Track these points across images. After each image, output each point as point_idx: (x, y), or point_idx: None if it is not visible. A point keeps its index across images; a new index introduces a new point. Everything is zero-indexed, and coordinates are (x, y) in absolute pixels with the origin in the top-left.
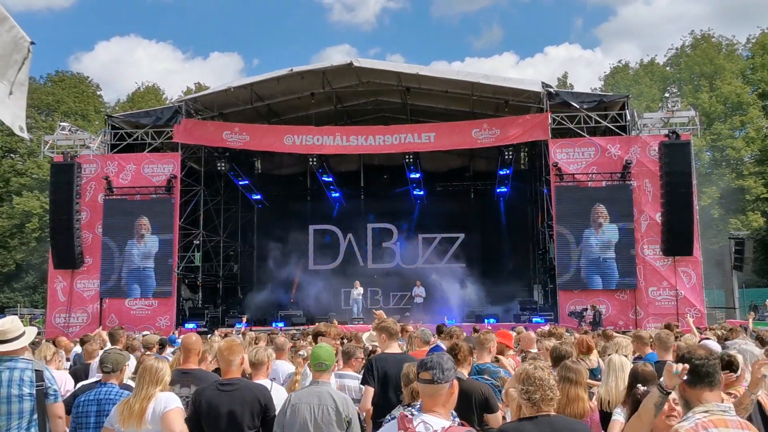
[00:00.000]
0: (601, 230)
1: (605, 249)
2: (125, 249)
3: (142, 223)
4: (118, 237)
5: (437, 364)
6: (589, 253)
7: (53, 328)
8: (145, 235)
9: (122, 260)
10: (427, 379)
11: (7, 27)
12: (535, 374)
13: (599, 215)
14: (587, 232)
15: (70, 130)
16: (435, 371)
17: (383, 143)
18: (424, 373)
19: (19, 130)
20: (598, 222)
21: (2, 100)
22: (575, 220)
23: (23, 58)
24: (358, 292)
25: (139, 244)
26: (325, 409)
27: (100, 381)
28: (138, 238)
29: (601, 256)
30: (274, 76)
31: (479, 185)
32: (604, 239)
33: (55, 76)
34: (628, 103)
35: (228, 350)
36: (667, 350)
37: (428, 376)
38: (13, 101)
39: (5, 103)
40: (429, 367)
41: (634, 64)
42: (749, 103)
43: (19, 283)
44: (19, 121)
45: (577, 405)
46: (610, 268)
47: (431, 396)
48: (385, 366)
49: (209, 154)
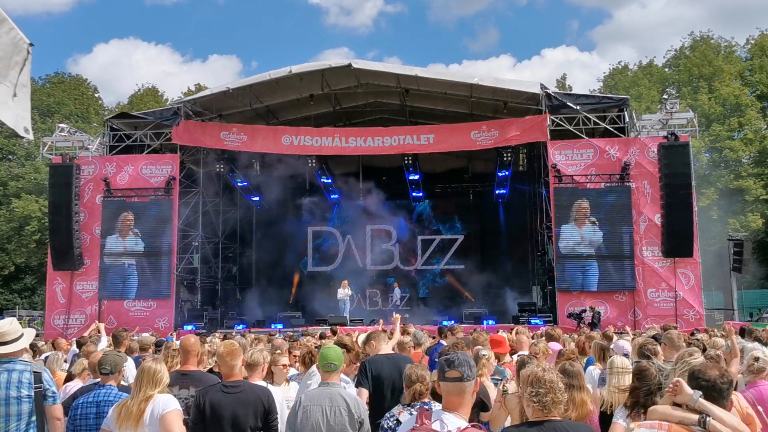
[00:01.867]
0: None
1: (601, 250)
2: (123, 249)
3: (128, 219)
4: (116, 238)
5: (465, 362)
6: (587, 256)
7: (52, 329)
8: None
9: (120, 261)
10: (456, 377)
11: (6, 29)
12: (544, 377)
13: (583, 212)
14: (585, 229)
15: (68, 132)
16: (464, 368)
17: (382, 145)
18: (453, 371)
19: (23, 132)
20: (584, 219)
21: (5, 101)
22: (574, 221)
23: (23, 59)
24: (345, 292)
25: (124, 240)
26: (337, 411)
27: (98, 383)
28: (122, 234)
29: (600, 259)
30: (272, 77)
31: (478, 187)
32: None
33: (54, 77)
34: (626, 105)
35: (229, 354)
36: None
37: (458, 374)
38: (17, 103)
39: (8, 104)
40: (457, 365)
41: (633, 66)
42: (748, 105)
43: (17, 285)
44: (24, 123)
45: (583, 408)
46: (610, 270)
47: (458, 394)
48: (377, 368)
49: (208, 156)
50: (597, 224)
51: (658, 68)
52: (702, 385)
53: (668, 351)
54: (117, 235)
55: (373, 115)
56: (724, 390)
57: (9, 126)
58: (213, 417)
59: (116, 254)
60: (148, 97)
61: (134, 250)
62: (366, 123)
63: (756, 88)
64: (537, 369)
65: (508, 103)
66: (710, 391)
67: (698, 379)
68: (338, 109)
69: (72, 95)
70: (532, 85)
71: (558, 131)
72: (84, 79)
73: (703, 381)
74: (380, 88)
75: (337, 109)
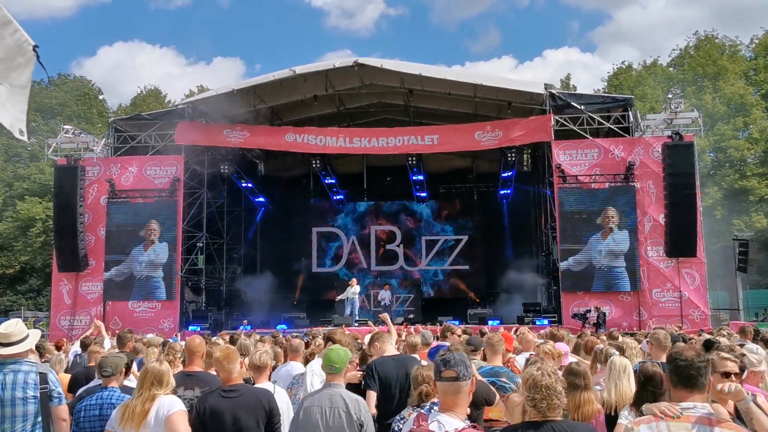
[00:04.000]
0: (610, 236)
1: (610, 253)
2: (129, 252)
3: (152, 228)
4: (121, 239)
5: (460, 361)
6: (592, 256)
7: (57, 330)
8: (155, 242)
9: (125, 263)
10: (452, 377)
11: (10, 30)
12: (542, 382)
13: (610, 221)
14: (593, 236)
15: (73, 133)
16: (460, 368)
17: (386, 145)
18: (448, 371)
19: (18, 134)
20: (608, 227)
21: (3, 103)
22: (578, 222)
23: (27, 61)
24: (353, 290)
25: (146, 251)
26: (336, 412)
27: (100, 385)
28: (146, 244)
29: (605, 259)
30: (276, 78)
31: (482, 187)
32: (610, 244)
33: (57, 79)
34: (631, 105)
35: (225, 358)
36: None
37: (453, 373)
38: (14, 104)
39: (5, 106)
40: (453, 365)
41: (638, 66)
42: (752, 104)
43: (22, 286)
44: (19, 125)
45: (588, 408)
46: (614, 270)
47: (454, 394)
48: (385, 369)
49: (212, 157)
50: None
51: (663, 68)
52: (680, 366)
53: (655, 351)
54: (141, 246)
55: (377, 116)
56: (702, 368)
57: (7, 128)
58: (214, 423)
59: (142, 263)
60: (150, 99)
61: (158, 256)
62: (370, 123)
63: (761, 88)
64: (536, 373)
65: (512, 104)
66: (688, 370)
67: (676, 360)
68: (342, 110)
69: (75, 96)
70: (537, 85)
71: (562, 131)
72: (88, 80)
73: (680, 361)
74: (384, 88)
75: (341, 110)
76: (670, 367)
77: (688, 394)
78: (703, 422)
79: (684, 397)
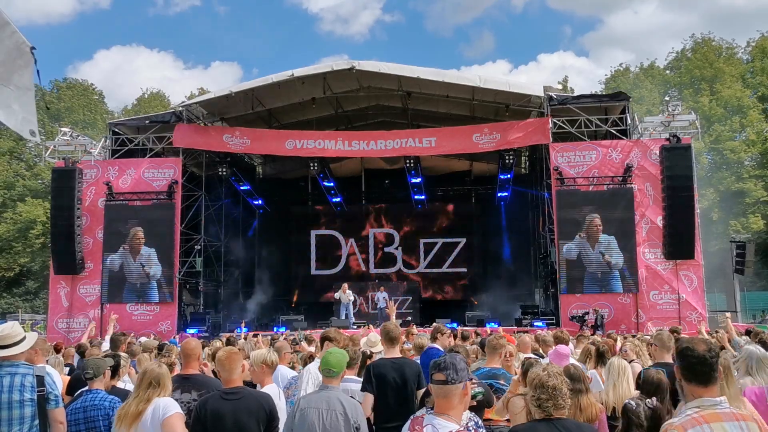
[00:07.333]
0: (609, 238)
1: (608, 255)
2: (127, 254)
3: (147, 232)
4: (119, 242)
5: (451, 364)
6: (591, 259)
7: (55, 333)
8: (151, 245)
9: (123, 265)
10: (441, 380)
11: (8, 32)
12: (548, 382)
13: (595, 227)
14: (591, 238)
15: (71, 136)
16: (449, 371)
17: (384, 147)
18: (438, 374)
19: (29, 135)
20: (598, 232)
21: (9, 105)
22: (576, 224)
23: (26, 63)
24: (345, 296)
25: (144, 253)
26: (333, 414)
27: (86, 389)
28: (133, 254)
29: (603, 261)
30: (274, 80)
31: (480, 189)
32: (609, 246)
33: (62, 83)
34: (628, 107)
35: (228, 360)
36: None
37: (442, 377)
38: (22, 106)
39: (11, 108)
40: (443, 368)
41: (635, 68)
42: (749, 107)
43: (19, 288)
44: (30, 126)
45: (590, 411)
46: (612, 273)
47: (445, 397)
48: (382, 371)
49: (210, 159)
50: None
51: (660, 70)
52: (693, 363)
53: (659, 352)
54: (126, 251)
55: (374, 119)
56: (714, 363)
57: (14, 129)
58: (215, 425)
59: (138, 266)
60: (155, 102)
61: (150, 260)
62: (368, 126)
63: (757, 90)
64: (542, 373)
65: (509, 106)
66: (701, 367)
67: (688, 357)
68: (340, 113)
69: (79, 101)
70: (535, 87)
71: (560, 133)
72: (90, 84)
73: (693, 358)
74: (382, 91)
75: (339, 113)
76: (681, 363)
77: (705, 390)
78: (731, 418)
79: (701, 393)
